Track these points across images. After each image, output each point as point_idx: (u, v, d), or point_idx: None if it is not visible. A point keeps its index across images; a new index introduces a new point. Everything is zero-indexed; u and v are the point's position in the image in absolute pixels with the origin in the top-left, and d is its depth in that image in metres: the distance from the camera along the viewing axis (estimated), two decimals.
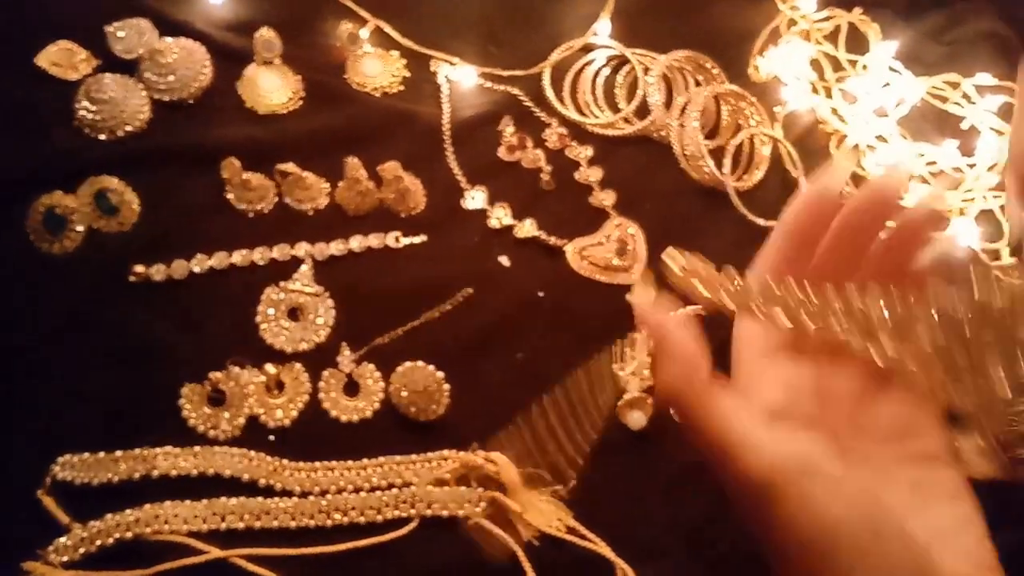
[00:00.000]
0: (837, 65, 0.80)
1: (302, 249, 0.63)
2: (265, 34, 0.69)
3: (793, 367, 0.37)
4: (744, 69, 0.78)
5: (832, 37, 0.80)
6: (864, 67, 0.79)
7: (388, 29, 0.73)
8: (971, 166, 0.77)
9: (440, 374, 0.61)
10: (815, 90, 0.78)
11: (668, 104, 0.75)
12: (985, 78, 0.80)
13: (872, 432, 0.36)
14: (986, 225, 0.76)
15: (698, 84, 0.76)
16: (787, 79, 0.77)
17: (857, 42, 0.81)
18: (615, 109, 0.75)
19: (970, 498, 0.35)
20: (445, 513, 0.57)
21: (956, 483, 0.35)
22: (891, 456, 0.36)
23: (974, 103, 0.79)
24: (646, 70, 0.76)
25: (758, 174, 0.74)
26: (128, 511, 0.54)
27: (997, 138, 0.78)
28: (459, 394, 0.61)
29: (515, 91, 0.74)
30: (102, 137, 0.64)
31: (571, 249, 0.68)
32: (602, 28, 0.77)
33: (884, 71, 0.78)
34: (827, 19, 0.80)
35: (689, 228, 0.70)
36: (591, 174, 0.71)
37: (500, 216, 0.68)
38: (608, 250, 0.69)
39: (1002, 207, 0.77)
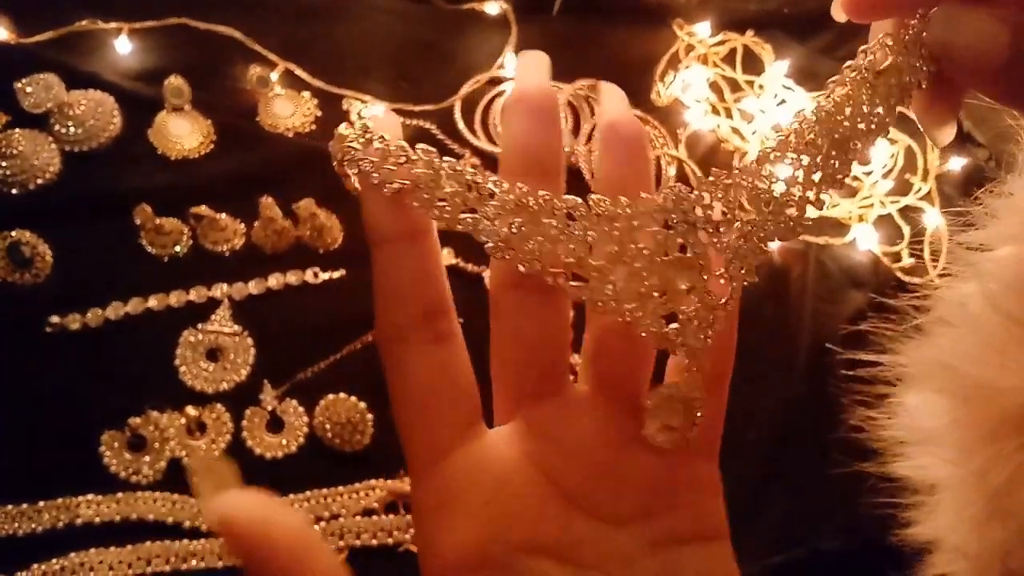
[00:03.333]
0: (735, 86, 0.83)
1: (219, 290, 0.64)
2: (174, 81, 0.70)
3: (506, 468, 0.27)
4: (647, 94, 0.81)
5: (728, 60, 0.84)
6: (760, 87, 0.83)
7: (298, 71, 0.75)
8: (867, 174, 0.80)
9: (363, 404, 0.62)
10: (715, 111, 0.81)
11: (576, 131, 0.78)
12: None
13: (611, 516, 0.27)
14: (885, 229, 0.80)
15: None
16: (688, 102, 0.81)
17: (752, 63, 0.85)
18: None
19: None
20: (374, 542, 0.58)
21: (709, 565, 0.29)
22: (633, 545, 0.27)
23: None
24: None
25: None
26: (54, 560, 0.54)
27: (890, 146, 0.82)
28: (383, 423, 0.62)
29: (427, 125, 0.76)
30: (14, 191, 0.64)
31: (489, 275, 0.70)
32: (509, 61, 0.79)
33: (779, 89, 0.82)
34: (722, 43, 0.84)
35: None
36: None
37: None
38: None
39: (900, 210, 0.81)
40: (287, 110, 0.73)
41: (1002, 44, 0.26)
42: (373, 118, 0.27)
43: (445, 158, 0.26)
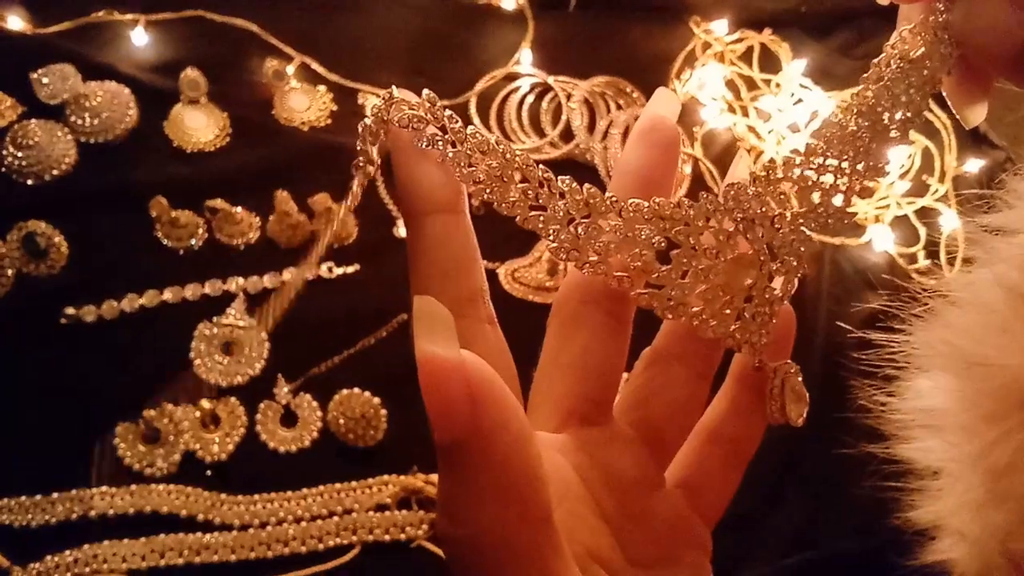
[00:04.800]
0: (751, 84, 0.83)
1: (234, 283, 0.64)
2: (190, 74, 0.70)
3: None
4: None
5: (745, 58, 0.84)
6: (777, 85, 0.82)
7: (314, 65, 0.75)
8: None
9: (377, 400, 0.62)
10: (731, 109, 0.81)
11: (591, 128, 0.77)
12: None
13: (630, 556, 0.27)
14: (901, 231, 0.79)
15: (619, 107, 0.79)
16: (704, 100, 0.80)
17: (770, 61, 0.84)
18: (541, 134, 0.77)
19: None
20: (387, 538, 0.58)
21: None
22: None
23: None
24: (568, 96, 0.78)
25: (680, 191, 0.76)
26: (68, 552, 0.54)
27: (907, 147, 0.81)
28: (396, 419, 0.62)
29: None
30: (30, 182, 0.64)
31: (503, 272, 0.70)
32: (524, 57, 0.79)
33: (796, 88, 0.82)
34: (739, 41, 0.83)
35: None
36: None
37: None
38: (539, 271, 0.70)
39: (916, 211, 0.80)
40: (303, 104, 0.73)
41: (1019, 29, 0.26)
42: (402, 91, 0.26)
43: (517, 151, 0.25)
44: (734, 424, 0.30)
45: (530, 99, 0.78)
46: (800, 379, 0.29)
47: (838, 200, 0.28)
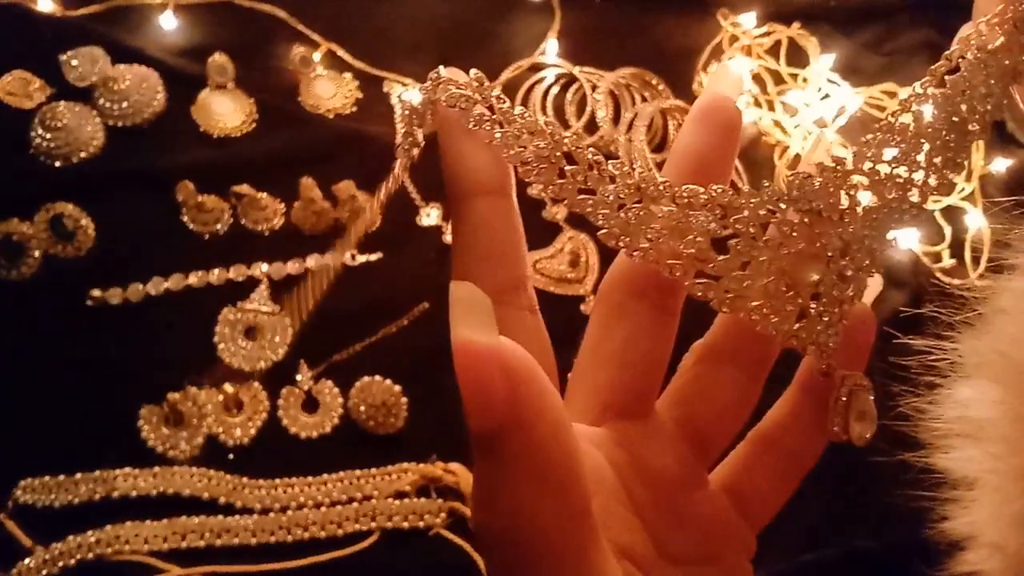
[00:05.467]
0: (778, 79, 0.82)
1: (258, 269, 0.64)
2: (218, 59, 0.70)
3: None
4: (689, 85, 0.80)
5: (773, 51, 0.83)
6: (804, 80, 0.82)
7: (340, 52, 0.75)
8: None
9: (398, 388, 0.62)
10: (758, 103, 0.81)
11: (616, 120, 0.77)
12: None
13: (666, 552, 0.26)
14: (926, 229, 0.79)
15: (644, 100, 0.78)
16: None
17: (797, 56, 0.84)
18: (565, 125, 0.77)
19: None
20: (406, 525, 0.58)
21: None
22: None
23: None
24: (593, 87, 0.78)
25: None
26: (90, 532, 0.55)
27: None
28: (417, 407, 0.62)
29: None
30: (57, 164, 0.65)
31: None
32: (550, 47, 0.79)
33: (823, 83, 0.81)
34: (767, 34, 0.83)
35: None
36: None
37: None
38: (561, 262, 0.70)
39: (941, 209, 0.79)
40: (329, 91, 0.73)
41: None
42: (450, 70, 0.25)
43: (566, 133, 0.25)
44: (793, 434, 0.28)
45: (555, 90, 0.78)
46: (871, 396, 0.26)
47: (914, 196, 0.26)
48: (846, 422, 0.26)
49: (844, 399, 0.26)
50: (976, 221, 0.79)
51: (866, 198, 0.26)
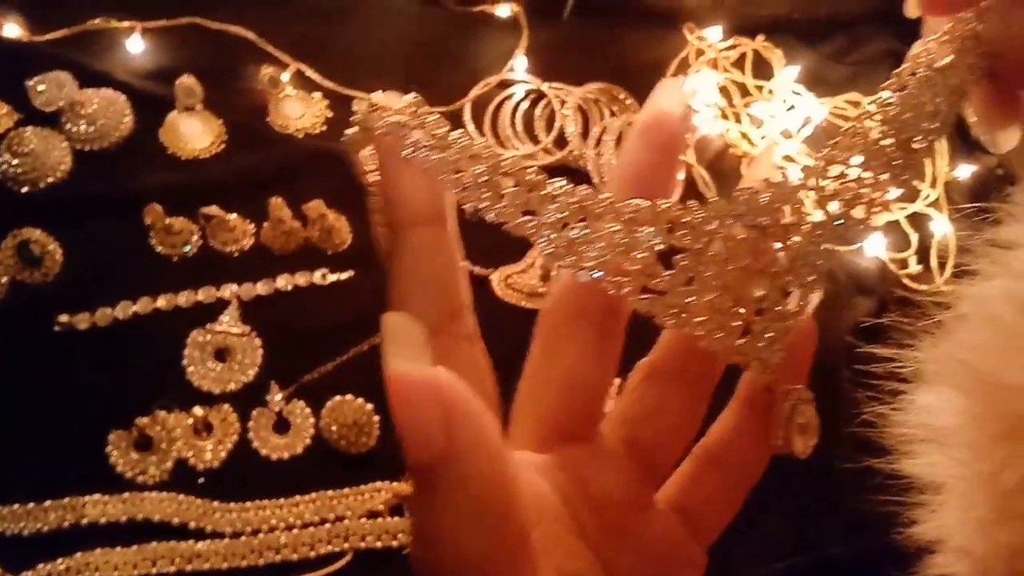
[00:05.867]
0: (745, 91, 0.83)
1: (228, 290, 0.64)
2: (186, 81, 0.70)
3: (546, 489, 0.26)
4: None
5: (739, 64, 0.84)
6: (770, 92, 0.83)
7: (309, 72, 0.75)
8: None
9: (370, 406, 0.62)
10: (724, 116, 0.81)
11: (585, 134, 0.78)
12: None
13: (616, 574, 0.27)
14: (892, 236, 0.80)
15: (613, 114, 0.79)
16: (697, 106, 0.80)
17: (763, 68, 0.84)
18: (535, 141, 0.77)
19: None
20: (379, 545, 0.58)
21: None
22: None
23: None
24: (562, 103, 0.78)
25: (673, 198, 0.76)
26: (59, 560, 0.55)
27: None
28: (389, 425, 0.62)
29: None
30: (24, 190, 0.65)
31: (496, 278, 0.70)
32: (518, 64, 0.79)
33: (789, 94, 0.82)
34: (732, 47, 0.84)
35: None
36: None
37: None
38: (532, 277, 0.71)
39: (907, 217, 0.80)
40: (298, 111, 0.73)
41: None
42: (386, 94, 0.25)
43: (506, 153, 0.24)
44: (737, 449, 0.28)
45: (524, 105, 0.79)
46: (813, 410, 0.27)
47: (859, 212, 0.26)
48: (789, 436, 0.26)
49: (787, 413, 0.26)
50: (942, 227, 0.80)
51: (813, 214, 0.26)
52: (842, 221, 0.26)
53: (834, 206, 0.26)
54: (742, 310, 0.25)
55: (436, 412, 0.19)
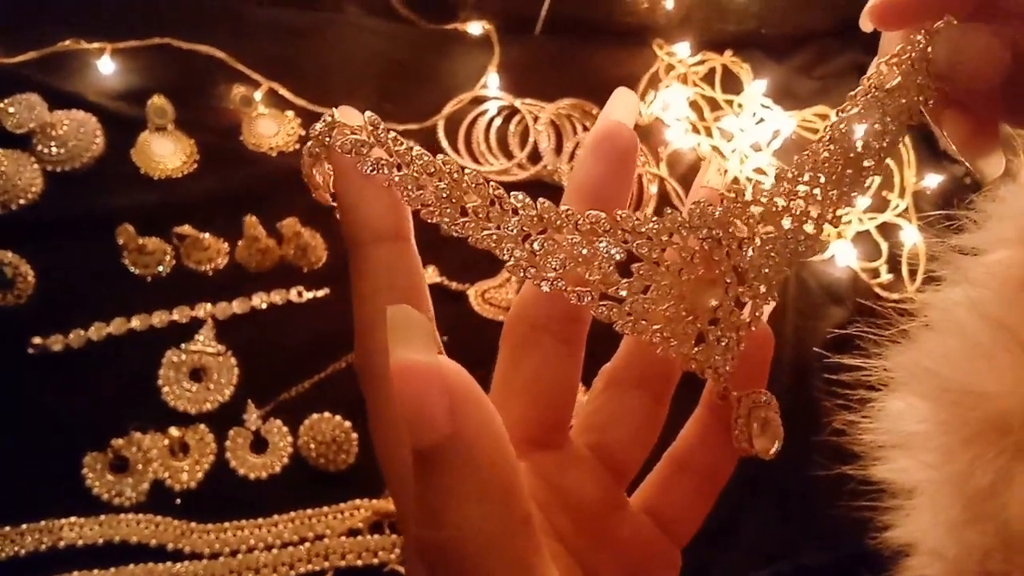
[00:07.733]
0: (715, 105, 0.84)
1: (203, 309, 0.64)
2: (157, 101, 0.70)
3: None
4: None
5: (708, 79, 0.85)
6: (739, 105, 0.84)
7: (281, 90, 0.75)
8: None
9: (348, 424, 0.62)
10: (695, 129, 0.82)
11: (559, 149, 0.78)
12: None
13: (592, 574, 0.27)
14: (863, 246, 0.81)
15: (585, 129, 0.80)
16: (668, 121, 0.81)
17: (732, 82, 0.86)
18: (509, 156, 0.78)
19: None
20: (359, 563, 0.58)
21: None
22: None
23: None
24: (535, 118, 0.79)
25: (647, 211, 0.77)
26: None
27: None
28: (367, 442, 0.62)
29: None
30: None
31: (473, 293, 0.70)
32: (491, 81, 0.80)
33: (757, 108, 0.83)
34: (702, 62, 0.85)
35: None
36: None
37: None
38: (509, 291, 0.71)
39: (877, 226, 0.82)
40: (271, 129, 0.73)
41: (1003, 61, 0.26)
42: (343, 110, 0.25)
43: (467, 169, 0.25)
44: (704, 453, 0.29)
45: (498, 122, 0.79)
46: (775, 411, 0.27)
47: (809, 227, 0.27)
48: (750, 438, 0.27)
49: (744, 416, 0.27)
50: (911, 236, 0.81)
51: (766, 229, 0.27)
52: (792, 236, 0.27)
53: (787, 222, 0.27)
54: (697, 319, 0.26)
55: (441, 396, 0.20)
